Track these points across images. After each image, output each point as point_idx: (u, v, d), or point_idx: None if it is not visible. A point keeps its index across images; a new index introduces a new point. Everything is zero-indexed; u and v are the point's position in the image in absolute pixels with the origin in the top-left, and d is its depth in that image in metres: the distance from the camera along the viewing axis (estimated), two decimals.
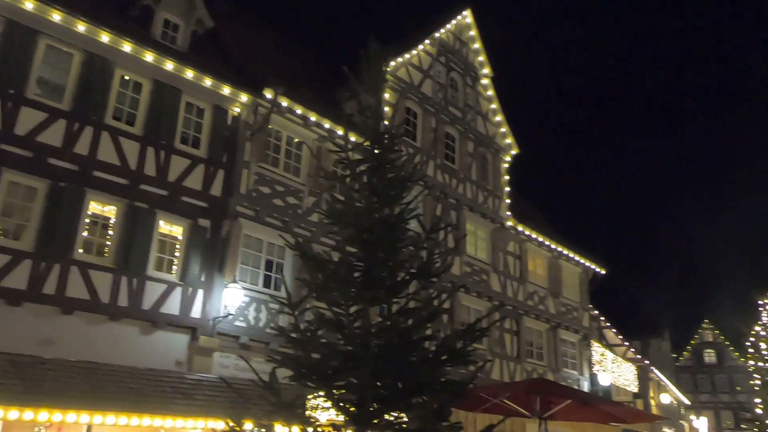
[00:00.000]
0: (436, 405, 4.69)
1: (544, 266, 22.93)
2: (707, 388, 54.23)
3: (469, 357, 5.04)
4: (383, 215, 5.39)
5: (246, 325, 12.96)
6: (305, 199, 14.66)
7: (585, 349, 24.35)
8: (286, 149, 14.81)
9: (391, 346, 4.95)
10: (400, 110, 17.85)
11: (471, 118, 20.97)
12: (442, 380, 4.97)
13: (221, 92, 13.37)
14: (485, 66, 21.84)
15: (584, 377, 23.66)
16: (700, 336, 57.24)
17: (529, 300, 21.43)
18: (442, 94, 19.87)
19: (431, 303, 5.10)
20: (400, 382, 4.91)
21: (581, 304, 24.47)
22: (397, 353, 4.89)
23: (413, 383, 4.84)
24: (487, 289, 19.64)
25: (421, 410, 4.75)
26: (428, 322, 5.13)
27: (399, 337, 4.95)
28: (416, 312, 5.09)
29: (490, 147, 21.51)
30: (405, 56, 18.21)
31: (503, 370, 19.52)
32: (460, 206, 19.39)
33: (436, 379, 4.94)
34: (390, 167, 5.73)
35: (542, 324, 22.01)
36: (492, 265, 20.17)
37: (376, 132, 5.91)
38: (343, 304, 5.09)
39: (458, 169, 19.75)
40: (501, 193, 21.34)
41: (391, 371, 4.89)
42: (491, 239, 20.51)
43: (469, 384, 5.10)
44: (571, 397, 9.16)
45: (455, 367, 5.08)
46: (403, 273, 5.37)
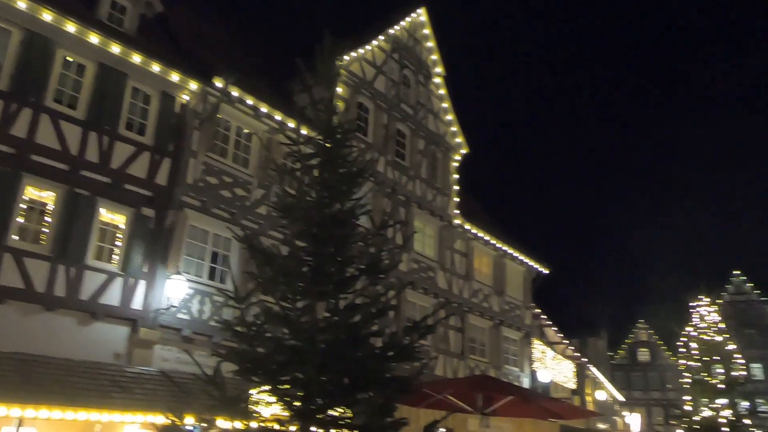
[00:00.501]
0: (382, 400, 4.71)
1: (490, 265, 23.32)
2: (640, 386, 56.33)
3: (415, 353, 5.08)
4: (334, 210, 5.36)
5: (189, 317, 12.70)
6: (254, 191, 14.47)
7: (526, 346, 24.91)
8: (236, 140, 14.57)
9: (338, 342, 4.94)
10: (352, 105, 17.81)
11: (422, 116, 21.11)
12: (388, 376, 4.99)
13: (169, 79, 13.03)
14: (438, 65, 22.01)
15: (525, 374, 24.21)
16: (635, 335, 59.37)
17: (474, 297, 21.76)
18: (395, 91, 19.92)
19: (379, 299, 5.11)
20: (346, 377, 4.90)
21: (524, 303, 25.01)
22: (343, 349, 4.88)
23: (359, 379, 4.84)
24: (434, 286, 19.84)
25: (367, 406, 4.76)
26: (376, 318, 5.14)
27: (346, 332, 4.95)
28: (364, 308, 5.09)
29: (440, 145, 21.71)
30: (359, 51, 18.17)
31: (447, 367, 19.78)
32: (410, 203, 19.51)
33: (382, 375, 4.96)
34: (341, 162, 5.70)
35: (486, 321, 22.39)
36: (439, 262, 20.38)
37: (329, 126, 5.87)
38: (291, 299, 5.05)
39: (409, 167, 19.86)
40: (450, 192, 21.57)
41: (338, 367, 4.88)
42: (439, 237, 20.72)
43: (414, 380, 5.13)
44: (512, 393, 9.35)
45: (401, 363, 5.11)
46: (352, 269, 5.36)
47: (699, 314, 20.57)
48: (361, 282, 5.51)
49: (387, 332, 5.08)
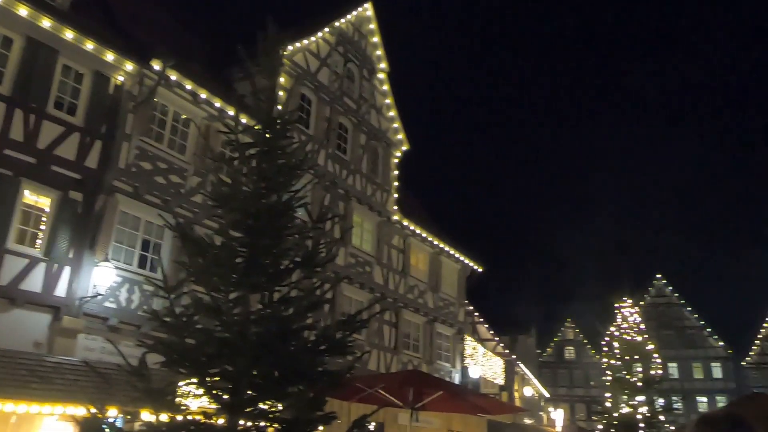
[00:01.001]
0: (312, 394, 4.69)
1: (426, 261, 23.60)
2: (565, 382, 58.35)
3: (347, 347, 5.08)
4: (270, 202, 5.28)
5: (116, 306, 12.28)
6: (189, 178, 14.11)
7: (459, 342, 25.36)
8: (173, 125, 14.16)
9: (269, 335, 4.88)
10: (294, 96, 17.62)
11: (365, 110, 21.11)
12: (319, 370, 4.97)
13: (104, 58, 12.52)
14: (382, 60, 22.06)
15: (456, 369, 24.64)
16: (562, 334, 61.41)
17: (409, 293, 21.97)
18: (338, 84, 19.84)
19: (313, 292, 5.08)
20: (277, 370, 4.85)
21: (458, 300, 25.44)
22: (275, 342, 4.82)
23: (290, 372, 4.80)
24: (370, 281, 19.91)
25: (297, 399, 4.72)
26: (309, 312, 5.10)
27: (278, 325, 4.89)
28: (298, 301, 5.05)
29: (382, 141, 21.78)
30: (303, 42, 17.99)
31: (380, 361, 19.90)
32: (349, 197, 19.50)
33: (313, 369, 4.93)
34: (280, 153, 5.62)
35: (420, 317, 22.65)
36: (376, 257, 20.46)
37: (269, 116, 5.78)
38: (223, 290, 4.95)
39: (349, 161, 19.83)
40: (390, 187, 21.68)
41: (269, 360, 4.82)
42: (377, 232, 20.80)
43: (346, 374, 5.14)
44: (442, 388, 9.50)
45: (333, 357, 5.10)
46: (287, 261, 5.30)
47: (622, 315, 21.46)
48: (296, 275, 5.46)
49: (320, 326, 5.05)
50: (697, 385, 57.55)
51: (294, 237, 5.34)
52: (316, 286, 5.10)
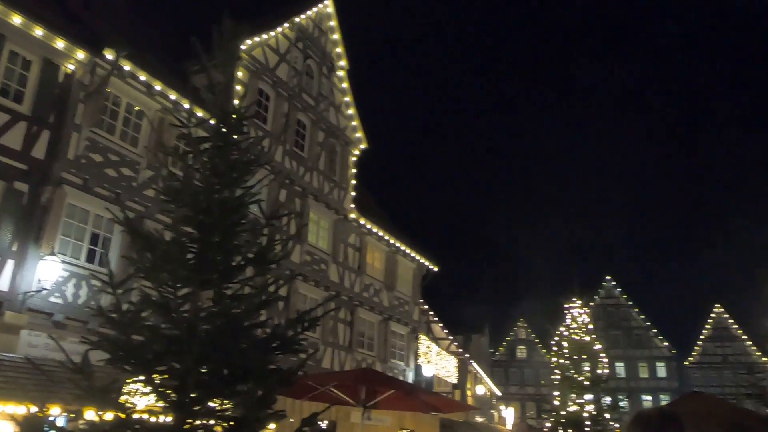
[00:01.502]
0: (261, 392, 4.64)
1: (382, 260, 23.66)
2: (517, 381, 59.37)
3: (299, 345, 5.05)
4: (223, 197, 5.21)
5: (62, 301, 11.92)
6: (142, 171, 13.80)
7: (413, 341, 25.51)
8: (125, 117, 13.82)
9: (219, 332, 4.81)
10: (252, 91, 17.42)
11: (324, 108, 21.03)
12: (269, 368, 4.93)
13: (54, 45, 12.13)
14: (342, 58, 22.01)
15: (410, 368, 24.78)
16: (515, 333, 62.45)
17: (365, 292, 21.98)
18: (297, 80, 19.70)
19: (266, 290, 5.03)
20: (226, 368, 4.79)
21: (413, 299, 25.59)
22: (224, 339, 4.76)
23: (239, 370, 4.75)
24: (325, 279, 19.84)
25: (245, 398, 4.67)
26: (261, 309, 5.05)
27: (229, 322, 4.83)
28: (249, 298, 4.99)
29: (340, 139, 21.73)
30: (262, 36, 17.80)
31: (334, 359, 19.86)
32: (306, 194, 19.39)
33: (263, 367, 4.89)
34: (234, 148, 5.54)
35: (375, 316, 22.69)
36: (332, 255, 20.40)
37: (224, 111, 5.70)
38: (172, 286, 4.85)
39: (307, 158, 19.72)
40: (347, 185, 21.65)
41: (217, 357, 4.76)
42: (333, 230, 20.74)
43: (296, 372, 5.11)
44: (395, 387, 9.54)
45: (284, 355, 5.07)
46: (239, 258, 5.23)
47: (571, 315, 21.96)
48: (248, 272, 5.40)
49: (271, 323, 5.00)
50: (642, 384, 59.35)
51: (247, 233, 5.28)
52: (269, 284, 5.05)
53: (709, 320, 61.98)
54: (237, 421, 4.75)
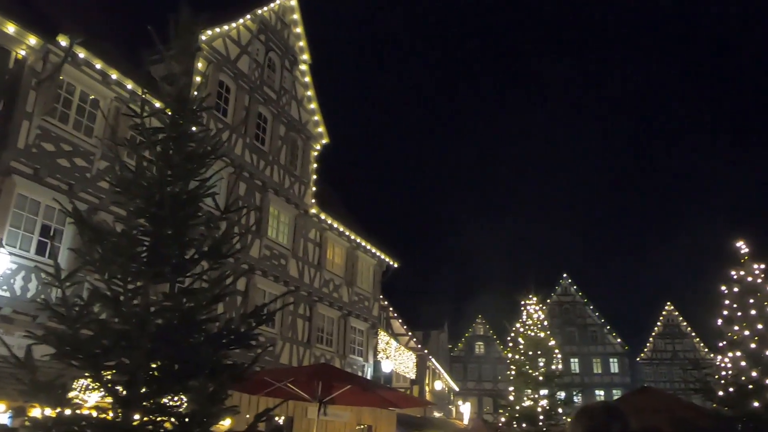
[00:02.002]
0: (213, 388, 4.58)
1: (342, 256, 23.63)
2: (475, 377, 60.12)
3: (252, 340, 5.00)
4: (176, 190, 5.12)
5: (10, 295, 11.55)
6: (96, 162, 13.46)
7: (372, 337, 25.57)
8: (79, 105, 13.45)
9: (170, 327, 4.73)
10: (212, 82, 17.16)
11: (286, 101, 20.86)
12: (222, 363, 4.87)
13: (4, 30, 11.72)
14: (305, 52, 21.86)
15: (369, 364, 24.84)
16: (473, 330, 63.19)
17: (324, 287, 21.92)
18: (259, 73, 19.49)
19: (220, 284, 4.96)
20: (177, 363, 4.71)
21: (373, 295, 25.63)
22: (176, 334, 4.68)
23: (191, 365, 4.68)
24: (285, 274, 19.71)
25: (197, 393, 4.61)
26: (215, 303, 4.99)
27: (181, 317, 4.75)
28: (202, 292, 4.92)
29: (301, 133, 21.59)
30: (223, 27, 17.54)
31: (293, 355, 19.76)
32: (266, 188, 19.22)
33: (216, 362, 4.82)
34: (190, 140, 5.45)
35: (335, 311, 22.66)
36: (292, 250, 20.28)
37: (180, 101, 5.59)
38: (122, 280, 4.74)
39: (267, 151, 19.54)
40: (308, 180, 21.54)
41: (168, 352, 4.68)
42: (294, 225, 20.62)
43: (249, 368, 5.06)
44: (351, 382, 9.56)
45: (240, 350, 5.01)
46: (192, 251, 5.15)
47: (527, 312, 22.32)
48: (202, 266, 5.32)
49: (224, 318, 4.94)
50: (595, 379, 60.79)
51: (201, 227, 5.20)
52: (223, 278, 4.99)
53: (660, 318, 63.88)
54: (188, 417, 4.68)
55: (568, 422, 2.34)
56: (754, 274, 20.03)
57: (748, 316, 19.17)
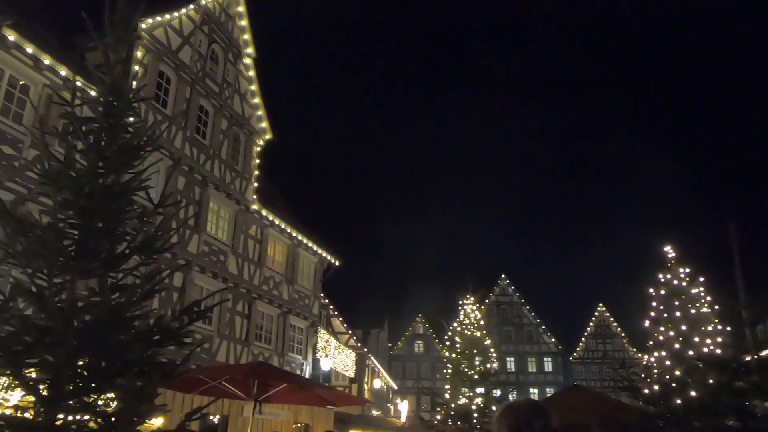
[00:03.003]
0: (140, 386, 4.46)
1: (283, 253, 23.41)
2: (414, 375, 60.74)
3: (184, 338, 4.89)
4: (107, 182, 4.95)
5: None
6: (25, 151, 12.87)
7: (312, 335, 25.44)
8: (8, 90, 12.83)
9: (98, 323, 4.58)
10: (151, 72, 16.69)
11: (228, 95, 20.50)
12: (152, 361, 4.75)
13: None
14: (249, 45, 21.54)
15: (308, 362, 24.71)
16: (413, 328, 63.82)
17: (264, 285, 21.67)
18: (201, 65, 19.08)
19: (150, 280, 4.83)
20: (105, 361, 4.57)
21: (313, 292, 25.51)
22: (104, 330, 4.53)
23: (119, 363, 4.54)
24: (224, 270, 19.38)
25: (124, 392, 4.48)
26: (145, 299, 4.85)
27: (109, 313, 4.60)
28: (132, 288, 4.78)
29: (244, 128, 21.26)
30: (165, 16, 17.08)
31: (230, 352, 19.44)
32: (206, 183, 18.83)
33: (145, 360, 4.70)
34: (124, 131, 5.28)
35: (274, 309, 22.43)
36: (231, 246, 19.95)
37: (114, 91, 5.41)
38: (47, 274, 4.55)
39: (208, 145, 19.15)
40: (250, 176, 21.24)
41: (95, 350, 4.52)
42: (234, 221, 20.29)
43: (179, 365, 4.95)
44: (287, 381, 9.49)
45: (172, 347, 4.89)
46: (123, 246, 5.00)
47: (464, 311, 22.71)
48: (136, 260, 5.16)
49: (155, 315, 4.81)
50: (530, 377, 62.45)
51: (133, 221, 5.05)
52: (155, 273, 4.86)
53: (593, 318, 66.16)
54: (114, 416, 4.54)
55: (494, 419, 2.40)
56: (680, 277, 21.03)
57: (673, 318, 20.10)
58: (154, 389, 4.58)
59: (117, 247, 4.94)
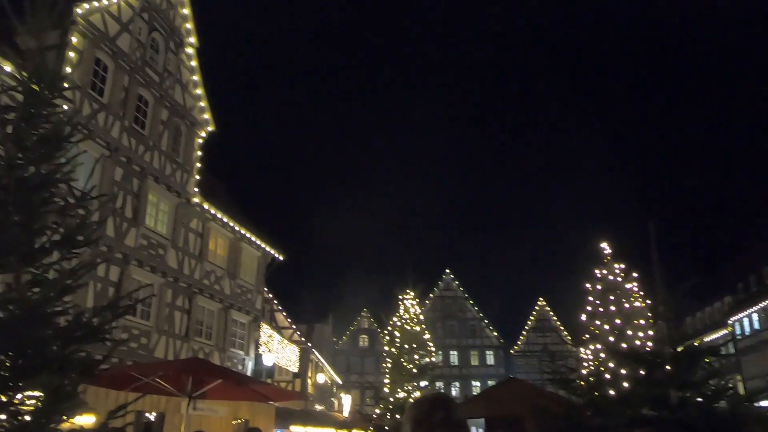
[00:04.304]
0: (60, 384, 4.34)
1: (226, 247, 23.08)
2: (358, 370, 60.90)
3: (106, 334, 4.78)
4: (27, 174, 4.78)
5: None
6: None
7: (254, 330, 25.19)
8: None
9: (14, 319, 4.43)
10: (87, 59, 16.14)
11: (169, 85, 20.02)
12: (73, 358, 4.62)
13: None
14: (192, 34, 21.10)
15: (250, 357, 24.46)
16: (358, 323, 63.97)
17: (205, 279, 21.32)
18: (141, 53, 18.57)
19: (73, 274, 4.70)
20: (21, 359, 4.42)
21: (256, 287, 25.25)
22: (20, 327, 4.39)
23: (37, 360, 4.40)
24: (163, 265, 18.96)
25: (43, 390, 4.35)
26: (66, 294, 4.72)
27: (26, 309, 4.45)
28: (51, 283, 4.63)
29: (185, 119, 20.82)
30: (102, 2, 16.54)
31: (169, 348, 19.06)
32: (145, 175, 18.36)
33: (66, 357, 4.57)
34: (46, 121, 5.10)
35: (216, 304, 22.10)
36: (171, 240, 19.54)
37: (36, 79, 5.22)
38: None
39: (148, 136, 18.67)
40: (191, 168, 20.83)
41: (11, 347, 4.38)
42: (174, 214, 19.86)
43: (101, 362, 4.84)
44: (223, 377, 9.38)
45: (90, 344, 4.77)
46: (44, 240, 4.84)
47: (404, 306, 22.94)
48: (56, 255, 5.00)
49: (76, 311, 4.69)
50: (473, 371, 63.60)
51: (54, 214, 4.89)
52: (76, 268, 4.73)
53: (533, 313, 67.87)
54: (33, 415, 4.41)
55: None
56: (615, 273, 21.81)
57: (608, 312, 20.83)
58: (75, 387, 4.47)
59: (36, 241, 4.78)
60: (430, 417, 2.28)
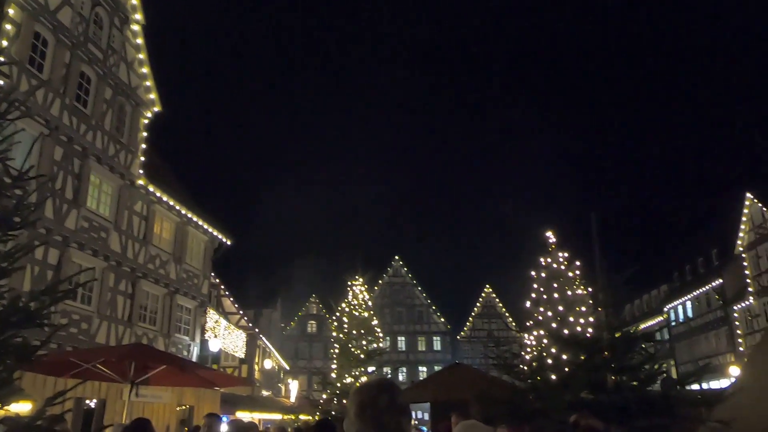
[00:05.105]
0: None
1: (171, 230, 22.60)
2: (306, 355, 60.88)
3: (44, 319, 4.63)
4: None
5: None
6: None
7: (201, 315, 24.83)
8: None
9: None
10: (25, 33, 15.43)
11: (114, 62, 19.35)
12: (8, 343, 4.46)
13: None
14: (138, 11, 20.41)
15: (195, 343, 24.11)
16: (306, 309, 63.82)
17: (150, 263, 20.83)
18: (83, 29, 17.86)
19: (8, 258, 4.52)
20: None
21: (203, 272, 24.86)
22: None
23: None
24: (105, 248, 18.41)
25: None
26: (1, 278, 4.53)
27: None
28: None
29: (130, 98, 20.19)
30: None
31: (111, 334, 18.58)
32: (87, 155, 17.73)
33: (1, 342, 4.41)
34: None
35: (160, 289, 21.64)
36: (114, 223, 18.98)
37: None
38: None
39: (90, 115, 18.02)
40: (136, 149, 20.24)
41: None
42: (118, 196, 19.29)
43: (38, 348, 4.69)
44: (166, 362, 9.22)
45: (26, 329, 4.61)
46: None
47: (353, 292, 23.03)
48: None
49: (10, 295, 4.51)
50: (420, 356, 64.45)
51: None
52: (12, 251, 4.54)
53: (480, 299, 69.15)
54: None
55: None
56: (559, 261, 22.41)
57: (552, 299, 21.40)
58: (11, 373, 4.32)
59: None
60: (375, 401, 2.31)
